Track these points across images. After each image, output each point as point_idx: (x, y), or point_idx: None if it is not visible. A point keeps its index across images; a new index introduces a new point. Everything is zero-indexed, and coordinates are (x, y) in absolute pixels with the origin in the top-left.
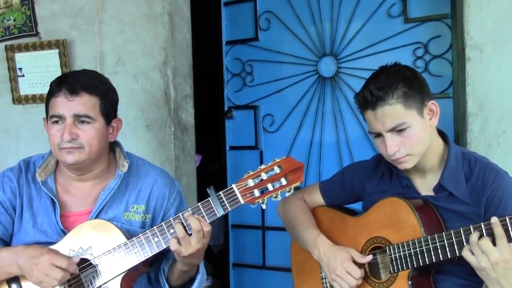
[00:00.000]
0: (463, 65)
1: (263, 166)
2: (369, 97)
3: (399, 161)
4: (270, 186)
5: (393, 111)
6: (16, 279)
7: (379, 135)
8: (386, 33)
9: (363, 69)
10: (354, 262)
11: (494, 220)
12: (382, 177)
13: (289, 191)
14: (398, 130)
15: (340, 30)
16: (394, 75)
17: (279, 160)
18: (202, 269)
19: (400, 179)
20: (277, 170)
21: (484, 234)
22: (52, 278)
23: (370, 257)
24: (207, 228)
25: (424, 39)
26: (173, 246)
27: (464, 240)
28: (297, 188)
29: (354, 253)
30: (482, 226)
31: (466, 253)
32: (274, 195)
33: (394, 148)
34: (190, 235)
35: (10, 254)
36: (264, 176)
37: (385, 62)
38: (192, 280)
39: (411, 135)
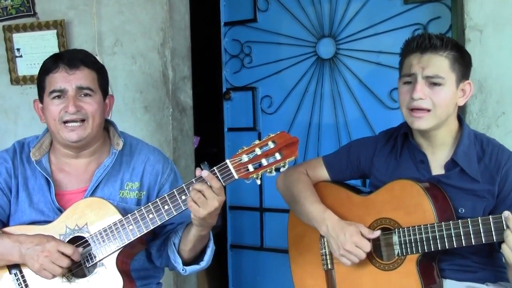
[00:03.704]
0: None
1: (257, 141)
2: (426, 41)
3: (418, 115)
4: (264, 161)
5: (439, 62)
6: (16, 265)
7: (409, 82)
8: (386, 14)
9: (362, 50)
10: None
11: None
12: (391, 151)
13: (283, 166)
14: (432, 82)
15: (339, 11)
16: (454, 41)
17: (273, 135)
18: (211, 236)
19: (414, 153)
20: (271, 145)
21: (504, 226)
22: (57, 265)
23: (378, 233)
24: (217, 184)
25: (424, 20)
26: (193, 208)
27: (481, 230)
28: (291, 163)
29: (362, 228)
30: (503, 218)
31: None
32: (268, 170)
33: (421, 94)
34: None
35: (12, 241)
36: (258, 151)
37: (384, 43)
38: (203, 252)
39: (441, 93)
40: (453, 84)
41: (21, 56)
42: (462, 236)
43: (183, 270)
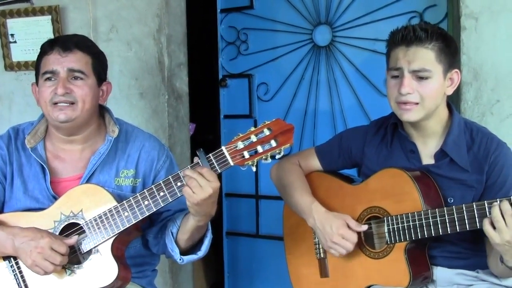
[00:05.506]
0: (458, 34)
1: (253, 129)
2: (410, 34)
3: (406, 108)
4: (259, 148)
5: (425, 55)
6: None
7: (396, 76)
8: (382, 1)
9: (358, 38)
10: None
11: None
12: (382, 141)
13: (279, 153)
14: (419, 76)
15: None
16: (438, 29)
17: (269, 122)
18: (209, 226)
19: (405, 143)
20: (266, 132)
21: (487, 213)
22: (50, 263)
23: (365, 227)
24: (206, 172)
25: (420, 8)
26: (187, 193)
27: (466, 217)
28: (287, 150)
29: (350, 221)
30: (485, 205)
31: (487, 228)
32: (264, 157)
33: (408, 88)
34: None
35: (6, 234)
36: (254, 138)
37: (380, 31)
38: (200, 241)
39: (429, 86)
40: (440, 75)
41: (15, 42)
42: (447, 223)
43: (180, 259)
